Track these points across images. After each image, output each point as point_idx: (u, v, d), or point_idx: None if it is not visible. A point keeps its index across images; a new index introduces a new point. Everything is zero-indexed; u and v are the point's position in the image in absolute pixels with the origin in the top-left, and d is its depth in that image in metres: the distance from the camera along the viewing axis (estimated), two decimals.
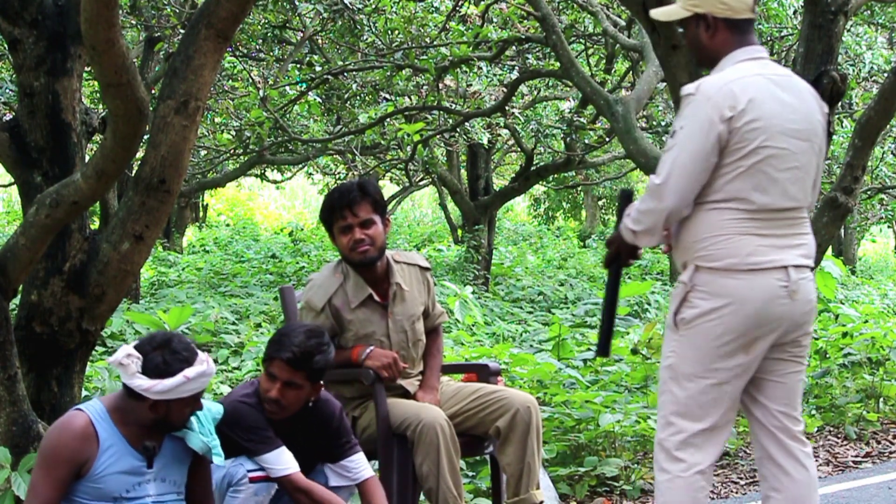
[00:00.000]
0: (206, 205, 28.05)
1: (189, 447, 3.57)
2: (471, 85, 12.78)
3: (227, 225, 27.13)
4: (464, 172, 18.41)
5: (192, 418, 3.56)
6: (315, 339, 3.87)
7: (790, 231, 3.49)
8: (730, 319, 3.43)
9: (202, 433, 3.57)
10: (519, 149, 16.44)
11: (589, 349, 8.26)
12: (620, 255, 3.67)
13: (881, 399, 7.87)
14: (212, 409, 3.66)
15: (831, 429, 7.49)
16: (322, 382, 3.96)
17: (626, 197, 3.71)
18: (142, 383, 3.37)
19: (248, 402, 3.86)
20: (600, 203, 31.69)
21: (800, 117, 3.50)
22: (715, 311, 3.43)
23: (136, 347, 3.43)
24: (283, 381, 3.82)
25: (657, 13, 3.79)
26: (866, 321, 9.16)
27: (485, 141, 14.45)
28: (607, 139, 14.16)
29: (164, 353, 3.40)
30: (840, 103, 8.70)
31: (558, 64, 9.38)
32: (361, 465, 4.04)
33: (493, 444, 4.50)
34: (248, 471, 3.78)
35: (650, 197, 3.47)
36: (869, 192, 15.85)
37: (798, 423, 3.62)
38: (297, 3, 10.64)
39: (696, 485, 3.49)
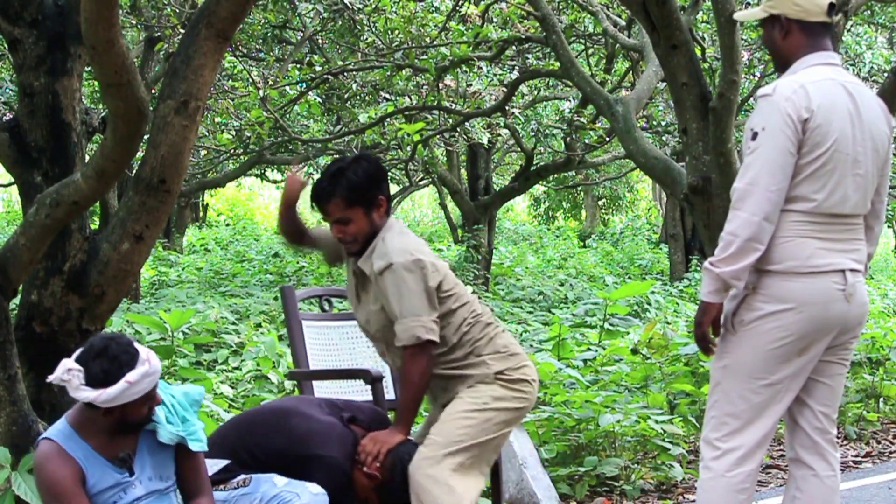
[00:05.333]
0: (206, 205, 28.06)
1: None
2: (471, 85, 12.79)
3: (227, 225, 27.13)
4: (464, 172, 18.41)
5: (159, 410, 3.50)
6: None
7: (847, 236, 3.50)
8: (790, 322, 3.43)
9: (171, 423, 3.52)
10: (519, 149, 16.44)
11: (589, 349, 8.24)
12: (702, 324, 3.51)
13: (881, 399, 7.86)
14: (190, 392, 3.62)
15: None
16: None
17: None
18: (87, 395, 3.33)
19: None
20: (600, 203, 31.71)
21: (868, 126, 3.50)
22: (775, 314, 3.44)
23: (76, 360, 3.37)
24: None
25: (739, 16, 3.77)
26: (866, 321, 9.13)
27: (485, 141, 14.46)
28: (607, 139, 14.17)
29: (102, 362, 3.34)
30: None
31: (558, 64, 9.38)
32: None
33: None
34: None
35: (741, 203, 3.39)
36: None
37: (834, 427, 3.65)
38: (297, 3, 10.65)
39: (739, 486, 3.49)
